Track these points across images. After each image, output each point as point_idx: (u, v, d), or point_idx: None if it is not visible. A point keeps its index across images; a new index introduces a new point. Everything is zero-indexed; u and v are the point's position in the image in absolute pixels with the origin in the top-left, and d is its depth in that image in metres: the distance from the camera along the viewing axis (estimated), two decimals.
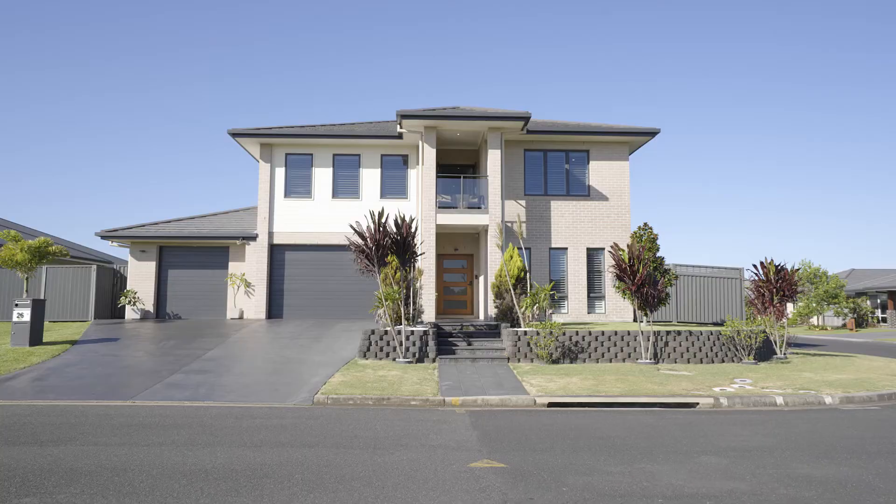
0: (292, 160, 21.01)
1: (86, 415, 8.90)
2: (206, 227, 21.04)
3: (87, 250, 30.16)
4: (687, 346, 15.30)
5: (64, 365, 13.10)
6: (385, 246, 14.77)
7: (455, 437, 7.72)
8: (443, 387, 11.58)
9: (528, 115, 18.40)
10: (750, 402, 10.83)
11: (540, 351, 14.60)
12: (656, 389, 11.60)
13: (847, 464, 6.45)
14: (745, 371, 13.93)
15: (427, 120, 18.65)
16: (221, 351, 14.77)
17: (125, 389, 11.09)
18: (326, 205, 20.81)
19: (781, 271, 16.39)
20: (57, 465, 6.10)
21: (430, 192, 18.84)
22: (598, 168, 20.58)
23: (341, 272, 20.22)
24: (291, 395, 10.94)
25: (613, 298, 19.87)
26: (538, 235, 20.15)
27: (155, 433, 7.67)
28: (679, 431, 8.18)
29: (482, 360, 14.64)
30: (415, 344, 14.66)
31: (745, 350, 15.37)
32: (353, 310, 20.08)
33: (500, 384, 11.96)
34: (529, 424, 8.61)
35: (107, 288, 21.05)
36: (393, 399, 10.65)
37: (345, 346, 15.44)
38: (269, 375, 12.51)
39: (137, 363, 13.37)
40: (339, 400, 10.60)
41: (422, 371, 13.19)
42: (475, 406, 10.50)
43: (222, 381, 11.94)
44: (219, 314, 20.72)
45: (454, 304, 21.66)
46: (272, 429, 8.06)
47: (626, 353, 15.09)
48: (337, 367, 13.19)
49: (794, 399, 10.94)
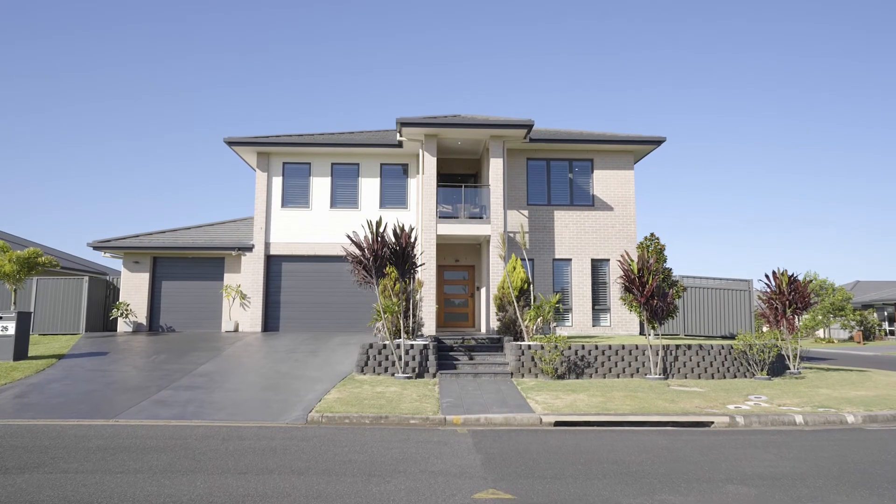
0: (290, 169, 20.55)
1: (62, 436, 8.34)
2: (202, 238, 20.53)
3: (81, 261, 29.64)
4: (697, 361, 14.72)
5: (47, 381, 12.53)
6: (383, 256, 14.24)
7: (457, 461, 7.15)
8: (443, 404, 11.02)
9: (530, 123, 17.95)
10: (768, 421, 10.26)
11: (545, 366, 14.02)
12: (668, 407, 11.03)
13: (890, 496, 5.88)
14: (758, 387, 13.35)
15: (427, 128, 18.19)
16: (214, 365, 14.20)
17: (109, 407, 10.52)
18: (324, 215, 20.32)
19: (794, 283, 15.84)
20: (15, 497, 5.53)
21: (430, 201, 18.35)
22: (603, 177, 20.10)
23: (339, 284, 19.68)
24: (284, 412, 10.37)
25: (619, 311, 19.31)
26: (541, 246, 19.63)
27: (132, 458, 7.10)
28: (698, 455, 7.61)
29: (484, 375, 14.06)
30: (414, 358, 14.10)
31: (757, 365, 14.79)
32: (351, 323, 19.53)
33: (503, 401, 11.39)
34: (537, 447, 8.03)
35: (99, 300, 20.50)
36: (391, 417, 10.09)
37: (342, 360, 14.88)
38: (261, 392, 11.95)
39: (125, 379, 12.80)
40: (334, 418, 10.04)
41: (422, 387, 12.62)
42: (478, 425, 9.93)
43: (212, 397, 11.37)
44: (213, 327, 20.16)
45: (455, 316, 21.10)
46: (260, 452, 7.49)
47: (635, 368, 14.51)
48: (333, 383, 12.63)
49: (814, 418, 10.36)
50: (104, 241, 19.89)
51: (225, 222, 21.86)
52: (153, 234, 20.53)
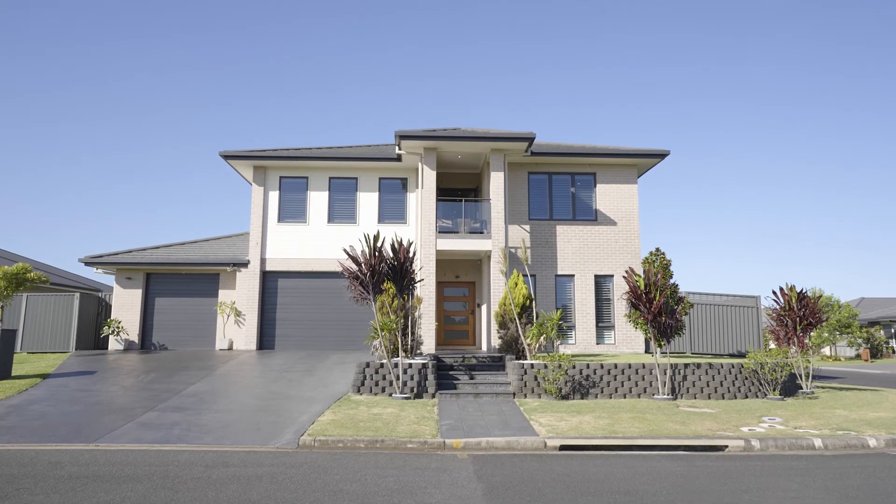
0: (287, 183, 20.16)
1: (35, 462, 7.80)
2: (196, 254, 20.09)
3: (74, 277, 29.16)
4: (707, 381, 14.17)
5: (29, 402, 11.99)
6: (381, 272, 13.76)
7: (457, 491, 6.62)
8: (443, 427, 10.47)
9: (532, 136, 17.58)
10: (785, 445, 9.71)
11: (548, 386, 13.48)
12: (679, 430, 10.48)
13: None
14: (771, 408, 12.79)
15: (427, 141, 17.83)
16: (205, 385, 13.67)
17: (90, 430, 9.98)
18: (322, 230, 19.89)
19: (804, 298, 15.32)
20: None
21: (429, 216, 17.92)
22: (606, 191, 19.70)
23: (337, 301, 19.17)
24: (275, 436, 9.83)
25: (623, 328, 18.79)
26: (543, 262, 19.16)
27: (105, 488, 6.57)
28: (716, 484, 7.08)
29: (486, 395, 13.52)
30: (413, 378, 13.57)
31: (769, 384, 14.23)
32: (349, 340, 19.01)
33: (505, 423, 10.84)
34: (542, 474, 7.50)
35: (91, 317, 20.01)
36: (387, 441, 9.55)
37: (338, 379, 14.34)
38: (252, 413, 11.40)
39: (110, 399, 12.26)
40: (327, 442, 9.50)
41: (420, 408, 12.08)
42: (479, 449, 9.39)
43: (201, 419, 10.83)
44: (207, 345, 19.64)
45: (455, 334, 20.57)
46: (245, 481, 6.97)
47: (642, 388, 13.96)
48: (328, 404, 12.08)
49: (833, 441, 9.81)
50: (96, 256, 19.45)
51: (220, 238, 21.44)
52: (146, 249, 20.09)
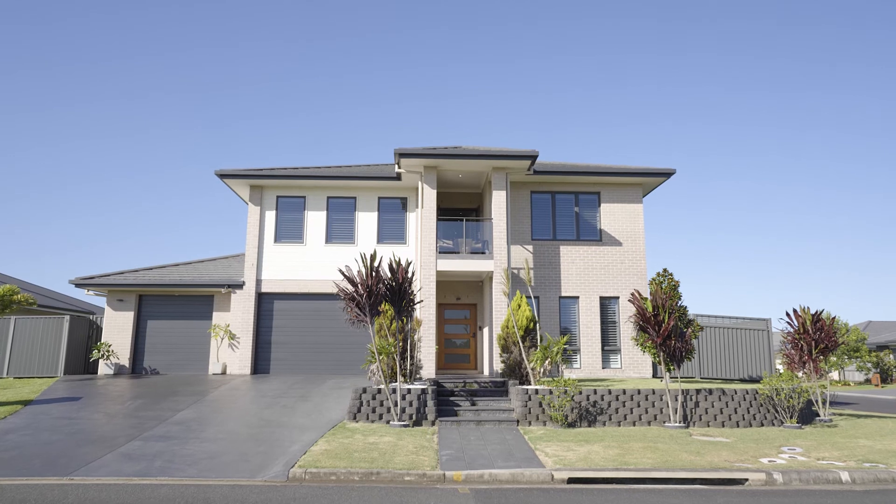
0: (284, 203, 19.73)
1: None
2: (190, 275, 19.56)
3: (66, 299, 28.59)
4: (720, 408, 13.52)
5: (5, 431, 11.37)
6: (378, 293, 13.20)
7: None
8: (443, 457, 9.85)
9: (535, 154, 17.17)
10: (809, 479, 9.08)
11: (554, 413, 12.84)
12: (694, 461, 9.85)
13: None
14: (790, 437, 12.14)
15: (427, 159, 17.41)
16: (193, 412, 13.04)
17: (66, 462, 9.36)
18: (319, 250, 19.39)
19: (819, 321, 14.74)
20: None
21: (430, 235, 17.42)
22: (611, 211, 19.23)
23: (334, 323, 18.59)
24: (264, 468, 9.21)
25: (630, 352, 18.16)
26: (547, 283, 18.61)
27: None
28: None
29: (488, 422, 12.87)
30: (412, 404, 12.94)
31: (786, 412, 13.58)
32: (346, 364, 18.39)
33: (509, 453, 10.21)
34: None
35: (80, 340, 19.41)
36: (383, 473, 8.93)
37: (333, 406, 13.71)
38: (241, 443, 10.77)
39: (93, 428, 11.64)
40: (318, 475, 8.89)
41: (419, 437, 11.44)
42: (481, 482, 8.77)
43: (186, 449, 10.21)
44: (200, 369, 19.01)
45: (456, 357, 19.93)
46: None
47: (652, 415, 13.31)
48: (322, 432, 11.46)
49: (861, 475, 9.17)
50: (87, 277, 18.93)
51: (215, 259, 20.94)
52: (139, 270, 19.57)
